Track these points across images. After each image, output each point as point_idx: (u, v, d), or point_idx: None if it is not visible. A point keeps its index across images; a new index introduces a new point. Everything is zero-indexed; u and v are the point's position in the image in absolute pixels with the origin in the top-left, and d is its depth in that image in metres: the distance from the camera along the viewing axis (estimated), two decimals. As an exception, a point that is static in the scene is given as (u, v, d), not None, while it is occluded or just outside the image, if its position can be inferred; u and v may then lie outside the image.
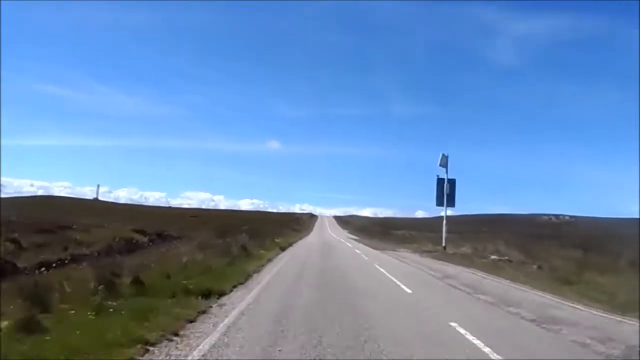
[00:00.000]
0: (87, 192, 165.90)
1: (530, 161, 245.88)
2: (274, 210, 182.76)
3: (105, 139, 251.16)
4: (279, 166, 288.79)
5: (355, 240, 53.55)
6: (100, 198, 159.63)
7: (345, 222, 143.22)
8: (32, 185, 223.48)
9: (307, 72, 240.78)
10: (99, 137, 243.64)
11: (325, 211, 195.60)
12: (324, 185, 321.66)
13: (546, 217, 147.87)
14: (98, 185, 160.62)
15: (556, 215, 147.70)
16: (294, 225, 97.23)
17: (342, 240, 49.26)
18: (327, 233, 73.95)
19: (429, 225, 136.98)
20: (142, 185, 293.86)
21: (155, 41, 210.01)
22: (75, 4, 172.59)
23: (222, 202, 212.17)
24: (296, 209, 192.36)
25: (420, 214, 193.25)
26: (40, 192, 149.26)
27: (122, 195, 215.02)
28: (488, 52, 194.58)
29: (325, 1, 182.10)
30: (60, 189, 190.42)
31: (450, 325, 8.11)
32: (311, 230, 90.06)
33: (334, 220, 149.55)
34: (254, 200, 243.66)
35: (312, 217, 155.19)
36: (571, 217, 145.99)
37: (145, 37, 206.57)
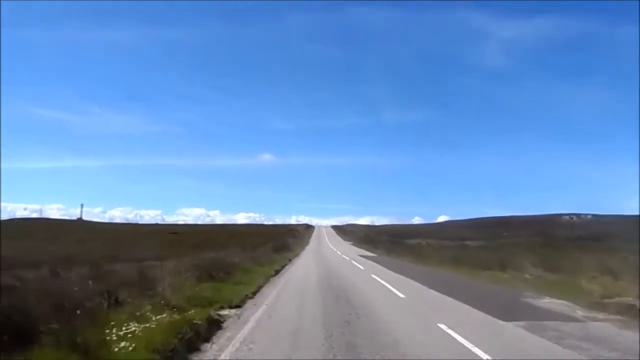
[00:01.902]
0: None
1: (523, 163, 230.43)
2: (270, 223, 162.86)
3: (98, 159, 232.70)
4: (274, 179, 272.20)
5: (376, 260, 31.43)
6: (86, 218, 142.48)
7: (345, 231, 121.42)
8: (25, 209, 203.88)
9: (297, 84, 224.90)
10: (92, 158, 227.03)
11: (322, 221, 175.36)
12: (319, 196, 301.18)
13: (566, 217, 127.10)
14: (82, 205, 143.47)
15: (577, 215, 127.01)
16: (288, 239, 75.31)
17: (359, 265, 26.38)
18: (329, 250, 51.37)
19: (436, 232, 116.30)
20: (138, 203, 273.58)
21: (146, 60, 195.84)
22: (66, 25, 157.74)
23: (218, 217, 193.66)
24: (292, 220, 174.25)
25: (417, 220, 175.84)
26: (34, 216, 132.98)
27: (117, 214, 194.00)
28: (478, 57, 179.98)
29: (314, 14, 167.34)
30: (54, 211, 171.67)
31: None
32: (307, 243, 67.99)
33: (332, 231, 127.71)
34: (250, 214, 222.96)
35: (308, 228, 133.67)
36: (593, 215, 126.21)
37: (136, 57, 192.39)
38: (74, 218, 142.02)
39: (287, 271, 20.27)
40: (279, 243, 54.01)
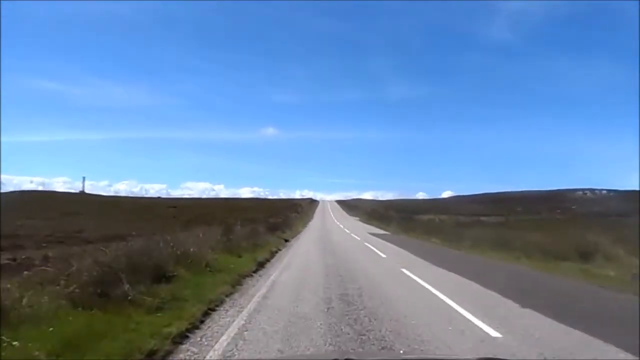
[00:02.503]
0: (86, 186, 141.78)
1: (527, 139, 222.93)
2: (274, 197, 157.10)
3: (104, 132, 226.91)
4: (278, 153, 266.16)
5: (395, 242, 24.80)
6: (91, 191, 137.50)
7: (349, 206, 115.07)
8: (31, 181, 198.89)
9: (301, 58, 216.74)
10: (98, 131, 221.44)
11: (326, 196, 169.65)
12: (323, 171, 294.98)
13: (580, 193, 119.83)
14: (84, 178, 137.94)
15: (591, 190, 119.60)
16: (289, 214, 69.10)
17: (377, 250, 18.63)
18: (335, 228, 44.66)
19: (444, 207, 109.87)
20: (143, 177, 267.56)
21: (149, 32, 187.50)
22: None
23: (223, 192, 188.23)
24: (296, 195, 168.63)
25: (421, 195, 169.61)
26: (40, 189, 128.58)
27: (122, 188, 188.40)
28: (484, 31, 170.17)
29: None
30: (60, 184, 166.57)
31: None
32: (310, 219, 61.68)
33: (337, 205, 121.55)
34: (255, 188, 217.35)
35: (312, 202, 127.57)
36: (608, 191, 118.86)
37: (138, 29, 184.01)
38: (77, 191, 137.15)
39: (276, 263, 13.62)
40: (277, 219, 47.55)
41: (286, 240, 22.34)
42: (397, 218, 58.76)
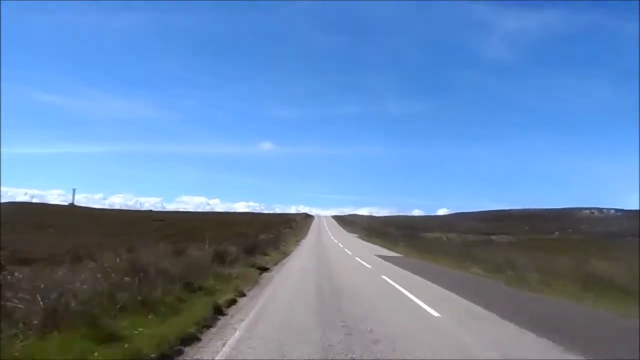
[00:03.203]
0: (80, 199, 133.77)
1: (524, 156, 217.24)
2: (270, 212, 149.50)
3: (101, 145, 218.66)
4: (274, 168, 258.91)
5: (424, 274, 16.83)
6: (85, 204, 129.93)
7: (347, 222, 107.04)
8: (25, 194, 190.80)
9: (300, 73, 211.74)
10: (94, 144, 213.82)
11: (322, 212, 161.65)
12: (319, 186, 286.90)
13: (587, 212, 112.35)
14: (74, 190, 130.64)
15: (599, 209, 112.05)
16: (282, 230, 61.10)
17: (413, 295, 9.94)
18: (334, 248, 36.27)
19: (443, 224, 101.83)
20: (139, 190, 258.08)
21: (148, 46, 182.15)
22: (67, 10, 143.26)
23: (218, 206, 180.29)
24: (292, 210, 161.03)
25: (417, 212, 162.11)
26: (34, 200, 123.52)
27: (117, 201, 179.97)
28: (482, 49, 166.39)
29: (317, 1, 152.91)
30: (55, 196, 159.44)
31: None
32: (304, 236, 53.58)
33: (334, 221, 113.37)
34: (250, 203, 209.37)
35: (307, 218, 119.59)
36: (616, 210, 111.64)
37: (137, 42, 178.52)
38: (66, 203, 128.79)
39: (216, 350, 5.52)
40: (268, 235, 39.66)
41: (264, 270, 14.40)
42: (400, 236, 51.04)
